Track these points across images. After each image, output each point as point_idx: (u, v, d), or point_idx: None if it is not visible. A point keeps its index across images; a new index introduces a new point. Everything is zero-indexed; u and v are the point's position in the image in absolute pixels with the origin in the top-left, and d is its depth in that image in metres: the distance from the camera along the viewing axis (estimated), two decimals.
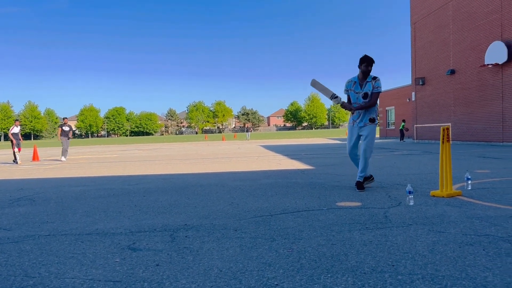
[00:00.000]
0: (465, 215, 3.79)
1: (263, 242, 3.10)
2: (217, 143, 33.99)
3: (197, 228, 3.64)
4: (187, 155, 16.98)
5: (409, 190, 4.47)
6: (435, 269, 2.38)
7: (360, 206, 4.44)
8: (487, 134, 17.76)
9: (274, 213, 4.21)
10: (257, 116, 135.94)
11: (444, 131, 4.99)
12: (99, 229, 3.71)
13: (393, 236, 3.14)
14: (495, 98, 17.17)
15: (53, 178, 9.01)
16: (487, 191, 5.15)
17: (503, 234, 3.08)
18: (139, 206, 4.88)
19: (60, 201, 5.51)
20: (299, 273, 2.38)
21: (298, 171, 8.61)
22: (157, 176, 8.60)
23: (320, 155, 13.84)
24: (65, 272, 2.54)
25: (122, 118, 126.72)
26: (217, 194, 5.67)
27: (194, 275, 2.42)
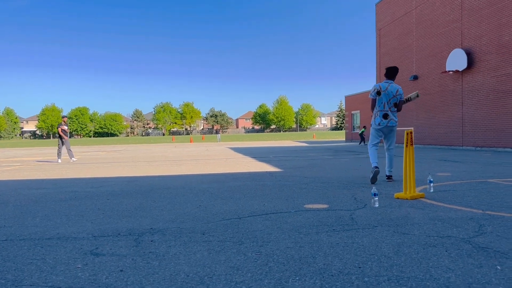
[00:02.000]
0: (428, 217, 3.90)
1: (231, 245, 3.07)
2: (184, 145, 33.63)
3: (163, 232, 3.56)
4: (153, 157, 16.69)
5: (374, 192, 4.56)
6: (401, 270, 2.42)
7: (327, 208, 4.48)
8: (448, 138, 18.43)
9: (242, 215, 4.18)
10: (226, 118, 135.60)
11: (408, 134, 5.12)
12: (60, 234, 3.57)
13: (359, 238, 3.18)
14: (455, 103, 17.86)
15: (11, 180, 8.62)
16: (449, 193, 5.33)
17: (464, 236, 3.18)
18: (102, 210, 4.73)
19: (19, 204, 5.27)
20: (268, 277, 2.37)
21: (267, 173, 8.63)
22: (121, 178, 8.39)
23: (288, 157, 13.94)
24: (23, 279, 2.42)
25: (85, 118, 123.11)
26: (184, 197, 5.59)
27: (160, 280, 2.35)
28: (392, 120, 6.66)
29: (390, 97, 6.58)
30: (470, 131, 16.94)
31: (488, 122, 15.80)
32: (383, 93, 6.60)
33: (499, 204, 4.45)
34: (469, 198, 4.92)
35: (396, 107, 6.66)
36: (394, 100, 6.61)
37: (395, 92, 6.61)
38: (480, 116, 16.20)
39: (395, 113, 6.69)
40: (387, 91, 6.59)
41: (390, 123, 6.63)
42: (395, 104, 6.64)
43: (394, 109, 6.64)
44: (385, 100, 6.59)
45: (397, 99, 6.63)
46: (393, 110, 6.63)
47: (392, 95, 6.59)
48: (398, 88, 6.68)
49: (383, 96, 6.60)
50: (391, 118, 6.63)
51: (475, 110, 16.60)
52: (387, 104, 6.60)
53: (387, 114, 6.61)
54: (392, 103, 6.61)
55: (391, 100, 6.59)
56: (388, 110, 6.60)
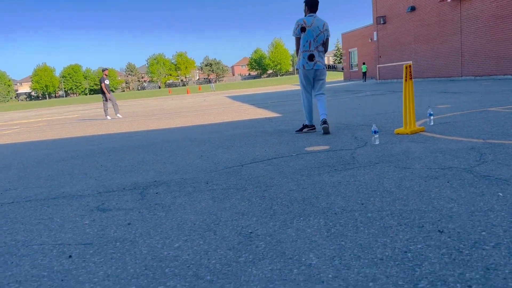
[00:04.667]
0: (429, 150, 3.91)
1: (235, 192, 3.10)
2: (181, 97, 33.37)
3: (167, 184, 3.59)
4: (151, 111, 16.60)
5: (374, 130, 4.55)
6: (403, 204, 2.45)
7: (328, 149, 4.49)
8: (447, 69, 18.18)
9: (244, 163, 4.20)
10: (221, 66, 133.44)
11: (407, 68, 5.02)
12: (65, 193, 3.60)
13: (361, 176, 3.20)
14: (454, 33, 17.42)
15: (12, 143, 8.63)
16: (449, 125, 5.32)
17: (465, 166, 3.20)
18: (105, 166, 4.75)
19: (22, 166, 5.29)
20: (272, 219, 2.41)
21: (266, 119, 8.60)
22: (121, 134, 8.38)
23: (286, 102, 13.84)
24: (33, 239, 2.46)
25: (79, 76, 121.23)
26: (186, 148, 5.60)
27: (168, 230, 2.39)
28: (319, 63, 5.68)
29: (316, 33, 5.56)
30: (469, 61, 16.67)
31: (487, 49, 15.49)
32: (308, 29, 5.56)
33: (500, 132, 4.44)
34: (469, 128, 4.91)
35: (323, 46, 5.68)
36: (321, 38, 5.61)
37: (321, 27, 5.58)
38: (480, 44, 15.86)
39: (322, 54, 5.70)
40: (312, 27, 5.55)
41: (317, 66, 5.66)
42: (322, 43, 5.65)
43: (321, 49, 5.67)
44: (311, 38, 5.58)
45: (325, 36, 5.62)
46: (320, 50, 5.66)
47: (319, 31, 5.57)
48: (325, 23, 5.63)
49: (308, 32, 5.57)
50: (317, 60, 5.66)
51: (474, 39, 16.23)
52: (313, 43, 5.60)
53: (313, 55, 5.64)
54: (319, 41, 5.61)
55: (318, 38, 5.59)
56: (315, 50, 5.63)
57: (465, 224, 2.05)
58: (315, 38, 5.57)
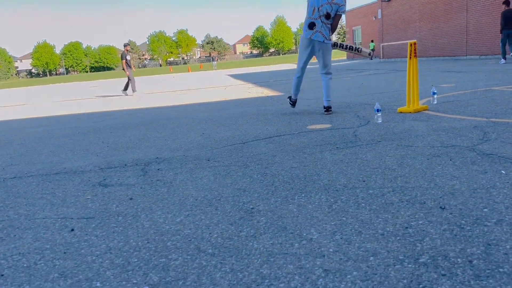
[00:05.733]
0: (432, 128, 3.88)
1: (236, 169, 3.10)
2: (183, 75, 33.15)
3: (169, 160, 3.59)
4: (153, 88, 16.52)
5: (377, 108, 4.51)
6: (405, 181, 2.45)
7: (330, 127, 4.47)
8: (452, 48, 17.96)
9: (246, 140, 4.19)
10: (223, 44, 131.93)
11: (412, 46, 4.94)
12: (67, 168, 3.61)
13: (363, 154, 3.19)
14: (459, 10, 17.13)
15: (12, 120, 8.62)
16: (452, 104, 5.27)
17: (468, 144, 3.18)
18: (107, 143, 4.75)
19: (23, 142, 5.29)
20: (274, 195, 2.41)
21: (268, 98, 8.54)
22: (122, 111, 8.35)
23: (288, 81, 13.73)
24: (35, 212, 2.48)
25: (79, 53, 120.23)
26: (187, 126, 5.58)
27: (170, 205, 2.40)
28: (319, 33, 5.22)
29: (323, 2, 5.14)
30: (474, 39, 16.43)
31: (493, 28, 15.24)
32: None
33: (504, 111, 4.41)
34: (473, 107, 4.87)
35: (328, 20, 5.20)
36: (327, 8, 5.13)
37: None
38: (485, 22, 15.60)
39: (325, 27, 5.23)
40: None
41: (315, 36, 5.23)
42: (327, 15, 5.17)
43: (325, 20, 5.19)
44: (317, 4, 5.17)
45: (332, 9, 5.13)
46: (323, 21, 5.20)
47: (326, 1, 5.12)
48: None
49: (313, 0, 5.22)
50: (318, 31, 5.21)
51: (480, 16, 15.95)
52: (318, 11, 5.16)
53: (313, 23, 5.22)
54: (324, 11, 5.15)
55: (323, 7, 5.14)
56: (318, 18, 5.19)
57: (467, 201, 2.05)
58: (320, 7, 5.16)
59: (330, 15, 5.19)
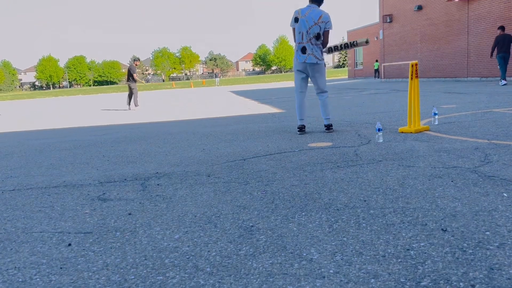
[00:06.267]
0: (433, 149, 3.87)
1: (236, 186, 3.08)
2: (185, 90, 33.33)
3: (169, 175, 3.58)
4: (155, 103, 16.59)
5: (378, 127, 4.51)
6: (406, 202, 2.43)
7: (331, 146, 4.46)
8: (453, 69, 18.08)
9: (246, 157, 4.18)
10: (226, 61, 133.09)
11: (413, 67, 4.98)
12: (66, 181, 3.59)
13: (364, 173, 3.18)
14: (461, 33, 17.31)
15: (14, 131, 8.63)
16: (454, 125, 5.28)
17: (469, 165, 3.17)
18: (107, 157, 4.74)
19: (24, 154, 5.28)
20: (274, 214, 2.39)
21: (269, 115, 8.57)
22: (124, 125, 8.37)
23: (290, 98, 13.80)
24: (33, 226, 2.45)
25: (83, 67, 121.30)
26: (188, 141, 5.58)
27: (168, 221, 2.38)
28: (311, 56, 5.29)
29: (310, 24, 5.20)
30: (475, 62, 16.56)
31: None
32: (301, 19, 5.25)
33: (505, 134, 4.41)
34: (474, 128, 4.87)
35: (319, 40, 5.27)
36: (315, 30, 5.21)
37: (317, 19, 5.18)
38: (486, 45, 15.74)
39: (317, 48, 5.30)
40: (306, 17, 5.22)
41: (309, 59, 5.30)
42: (317, 36, 5.24)
43: (315, 41, 5.26)
44: (304, 29, 5.24)
45: (320, 28, 5.21)
46: (313, 43, 5.27)
47: (313, 23, 5.19)
48: (322, 14, 5.19)
49: (301, 23, 5.25)
50: (310, 53, 5.29)
51: (481, 39, 16.11)
52: (306, 35, 5.24)
53: (305, 47, 5.30)
54: (312, 33, 5.22)
55: (311, 30, 5.21)
56: (308, 42, 5.27)
57: (469, 224, 2.03)
58: (308, 29, 5.23)
59: (320, 34, 5.26)
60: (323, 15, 5.21)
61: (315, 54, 5.32)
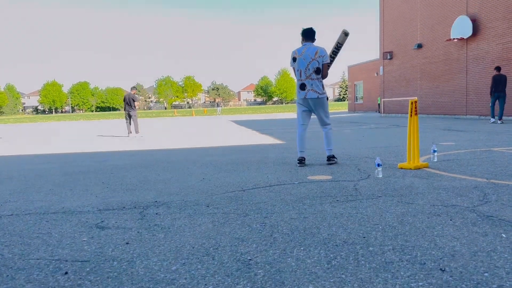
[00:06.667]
0: (432, 186, 3.89)
1: (235, 217, 3.08)
2: (186, 119, 33.57)
3: (168, 204, 3.58)
4: (156, 130, 16.69)
5: (378, 163, 4.54)
6: (405, 240, 2.42)
7: (331, 179, 4.48)
8: (452, 107, 18.29)
9: (246, 188, 4.19)
10: (228, 91, 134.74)
11: (413, 104, 5.06)
12: (65, 208, 3.58)
13: (363, 208, 3.18)
14: (459, 72, 17.61)
15: (16, 155, 8.65)
16: (453, 162, 5.31)
17: (468, 204, 3.18)
18: (107, 184, 4.74)
19: (24, 179, 5.29)
20: (272, 247, 2.38)
21: (269, 145, 8.61)
22: (125, 152, 8.40)
23: (290, 129, 13.90)
24: (30, 253, 2.44)
25: (87, 93, 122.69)
26: (188, 170, 5.59)
27: (166, 252, 2.37)
28: (312, 91, 5.43)
29: (308, 61, 5.37)
30: (474, 100, 16.78)
31: None
32: (299, 58, 5.43)
33: (503, 173, 4.43)
34: (473, 167, 4.90)
35: (319, 74, 5.41)
36: (314, 65, 5.36)
37: (313, 55, 5.35)
38: (485, 85, 15.98)
39: (317, 82, 5.43)
40: (303, 55, 5.40)
41: (309, 95, 5.44)
42: (317, 70, 5.38)
43: (315, 76, 5.39)
44: (302, 67, 5.42)
45: (318, 62, 5.36)
46: (313, 78, 5.40)
47: (310, 59, 5.35)
48: (318, 49, 5.38)
49: (299, 62, 5.43)
50: (310, 89, 5.42)
51: (479, 79, 16.38)
52: (305, 72, 5.40)
53: (304, 84, 5.45)
54: (311, 69, 5.37)
55: (310, 66, 5.37)
56: (306, 78, 5.41)
57: (468, 264, 2.02)
58: (307, 66, 5.39)
59: (320, 68, 5.41)
60: (319, 50, 5.38)
61: (315, 89, 5.45)
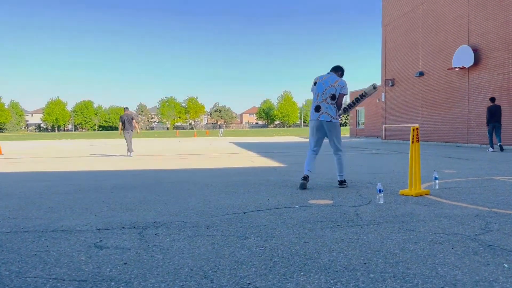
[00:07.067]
0: (434, 214, 3.86)
1: (235, 240, 3.05)
2: (188, 140, 33.65)
3: (167, 225, 3.56)
4: (158, 151, 16.71)
5: (379, 188, 4.53)
6: (406, 267, 2.40)
7: (332, 204, 4.46)
8: (453, 135, 18.33)
9: (246, 210, 4.17)
10: (230, 113, 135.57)
11: (414, 131, 5.08)
12: (64, 226, 3.57)
13: (364, 234, 3.16)
14: (461, 100, 17.74)
15: (17, 172, 8.65)
16: (454, 190, 5.29)
17: (470, 233, 3.15)
18: (106, 203, 4.73)
19: (24, 196, 5.28)
20: (272, 272, 2.35)
21: (270, 168, 8.61)
22: (125, 172, 8.39)
23: (292, 153, 13.91)
24: (27, 271, 2.42)
25: (90, 112, 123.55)
26: (188, 191, 5.58)
27: (164, 274, 2.34)
28: (325, 114, 5.60)
29: (326, 86, 5.63)
30: (475, 129, 16.83)
31: None
32: (319, 82, 5.71)
33: (505, 202, 4.41)
34: (474, 195, 4.88)
35: (334, 100, 5.62)
36: (331, 91, 5.60)
37: (333, 82, 5.63)
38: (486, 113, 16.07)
39: (332, 107, 5.61)
40: (323, 81, 5.69)
41: (322, 117, 5.60)
42: (332, 97, 5.60)
43: (330, 101, 5.60)
44: (320, 91, 5.66)
45: (335, 90, 5.60)
46: (328, 102, 5.60)
47: (329, 85, 5.63)
48: (338, 79, 5.67)
49: (318, 85, 5.70)
50: (324, 112, 5.60)
51: (481, 108, 16.47)
52: (322, 95, 5.64)
53: (319, 106, 5.64)
54: (328, 94, 5.60)
55: (327, 91, 5.61)
56: (322, 101, 5.63)
57: None
58: (324, 91, 5.64)
59: (335, 95, 5.64)
60: (339, 80, 5.69)
61: (329, 113, 5.63)
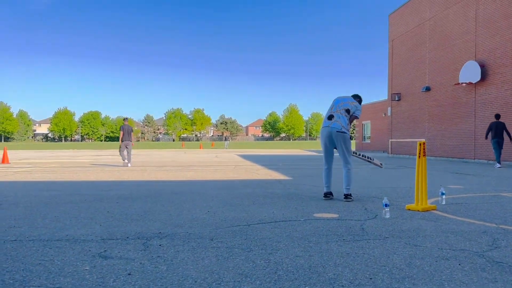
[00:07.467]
0: (440, 230, 3.82)
1: (239, 252, 3.04)
2: (194, 151, 33.70)
3: (171, 236, 3.55)
4: (163, 162, 16.74)
5: (385, 203, 4.50)
6: (413, 283, 2.37)
7: (337, 218, 4.43)
8: (460, 150, 18.22)
9: (251, 222, 4.15)
10: (236, 125, 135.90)
11: (421, 145, 5.06)
12: (69, 235, 3.57)
13: (370, 249, 3.13)
14: (468, 116, 17.67)
15: (23, 181, 8.70)
16: (461, 206, 5.24)
17: (477, 249, 3.11)
18: (111, 213, 4.73)
19: (29, 205, 5.30)
20: (276, 285, 2.33)
21: (276, 181, 8.58)
22: (131, 182, 8.41)
23: (297, 166, 13.88)
24: (31, 279, 2.41)
25: (97, 122, 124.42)
26: (193, 202, 5.57)
27: (168, 285, 2.33)
28: (337, 123, 5.79)
29: (343, 102, 5.99)
30: (482, 144, 16.71)
31: None
32: (337, 99, 6.09)
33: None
34: (482, 211, 4.83)
35: (348, 113, 5.90)
36: (346, 106, 5.92)
37: (349, 101, 6.02)
38: None
39: (344, 118, 5.83)
40: (342, 99, 6.06)
41: (334, 124, 5.78)
42: (347, 110, 5.90)
43: (344, 113, 5.87)
44: (336, 104, 6.00)
45: (350, 106, 5.93)
46: (343, 114, 5.85)
47: (347, 101, 6.00)
48: (355, 101, 6.07)
49: (336, 101, 6.06)
50: (336, 120, 5.81)
51: (488, 123, 16.38)
52: (337, 107, 5.95)
53: (332, 115, 5.88)
54: (343, 107, 5.91)
55: (343, 105, 5.94)
56: (336, 112, 5.89)
57: None
58: (340, 104, 5.98)
59: (350, 111, 5.93)
60: (356, 103, 6.08)
61: (341, 122, 5.81)
